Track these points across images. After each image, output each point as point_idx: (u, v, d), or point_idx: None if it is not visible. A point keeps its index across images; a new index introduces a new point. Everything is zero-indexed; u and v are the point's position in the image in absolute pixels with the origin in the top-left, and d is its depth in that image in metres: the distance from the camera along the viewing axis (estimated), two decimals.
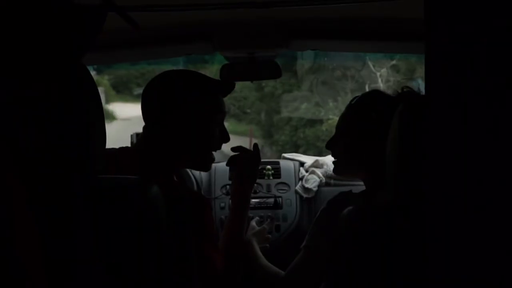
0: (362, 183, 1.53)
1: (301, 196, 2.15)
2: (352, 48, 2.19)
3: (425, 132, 0.62)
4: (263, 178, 2.21)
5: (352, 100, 1.49)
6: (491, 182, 0.57)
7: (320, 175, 2.17)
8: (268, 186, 2.19)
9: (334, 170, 1.58)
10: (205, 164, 1.43)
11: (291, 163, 2.28)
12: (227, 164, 1.62)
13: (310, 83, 9.58)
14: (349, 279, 1.00)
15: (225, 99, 1.47)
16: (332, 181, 2.16)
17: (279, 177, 2.22)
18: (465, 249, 0.60)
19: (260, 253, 1.57)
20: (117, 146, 1.41)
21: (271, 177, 2.21)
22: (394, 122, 1.04)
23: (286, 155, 2.38)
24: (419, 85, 1.33)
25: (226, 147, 1.54)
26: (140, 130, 1.44)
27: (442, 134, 0.60)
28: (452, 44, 0.58)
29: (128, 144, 1.71)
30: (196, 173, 2.18)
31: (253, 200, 2.11)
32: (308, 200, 2.15)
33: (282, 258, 1.94)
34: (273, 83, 9.63)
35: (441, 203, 0.60)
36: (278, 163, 2.28)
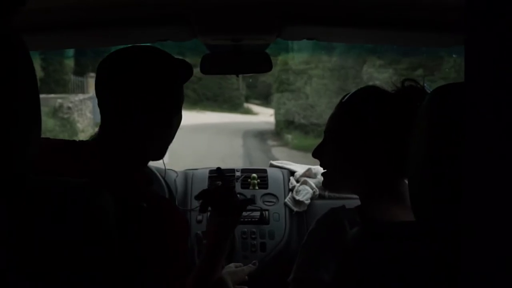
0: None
1: (291, 210, 1.95)
2: (359, 38, 1.93)
3: (465, 133, 0.54)
4: (247, 188, 2.01)
5: (343, 98, 1.26)
6: None
7: (313, 186, 1.97)
8: (253, 197, 1.98)
9: (323, 183, 1.32)
10: (162, 154, 1.24)
11: (279, 172, 2.09)
12: (196, 198, 1.35)
13: None
14: None
15: (290, 107, 1.21)
16: (326, 194, 1.97)
17: (266, 188, 2.01)
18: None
19: None
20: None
21: (256, 187, 2.01)
22: (420, 119, 0.84)
23: (274, 162, 2.18)
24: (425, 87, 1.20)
25: None
26: (190, 139, 1.20)
27: (485, 133, 0.52)
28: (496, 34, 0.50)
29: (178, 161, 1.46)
30: (171, 180, 1.95)
31: None
32: (299, 214, 1.94)
33: (268, 283, 1.71)
34: None
35: (485, 219, 0.52)
36: (265, 171, 2.08)
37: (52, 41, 1.61)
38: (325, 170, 1.28)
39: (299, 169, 2.05)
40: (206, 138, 11.54)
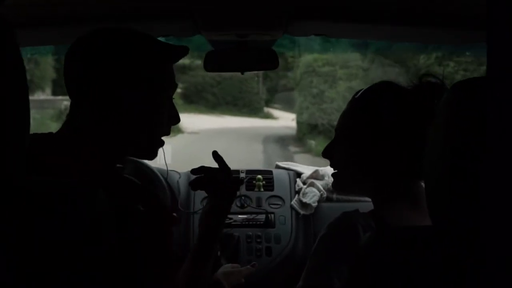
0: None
1: (297, 213, 1.88)
2: (371, 34, 1.85)
3: (487, 129, 0.53)
4: (252, 190, 1.95)
5: (355, 94, 1.20)
6: None
7: (321, 188, 1.91)
8: (259, 199, 1.92)
9: (333, 184, 1.27)
10: (152, 151, 1.12)
11: (286, 173, 2.02)
12: (192, 188, 1.27)
13: None
14: None
15: (313, 111, 1.14)
16: (334, 196, 1.91)
17: (272, 190, 1.95)
18: None
19: None
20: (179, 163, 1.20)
21: (262, 189, 1.94)
22: (439, 114, 0.79)
23: (280, 163, 2.12)
24: None
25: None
26: (208, 144, 1.13)
27: (508, 130, 0.51)
28: None
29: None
30: (173, 181, 1.90)
31: (240, 216, 1.85)
32: (306, 217, 1.87)
33: None
34: None
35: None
36: (270, 172, 2.02)
37: (51, 36, 1.58)
38: (336, 171, 1.22)
39: (306, 170, 1.99)
40: (225, 143, 11.50)
